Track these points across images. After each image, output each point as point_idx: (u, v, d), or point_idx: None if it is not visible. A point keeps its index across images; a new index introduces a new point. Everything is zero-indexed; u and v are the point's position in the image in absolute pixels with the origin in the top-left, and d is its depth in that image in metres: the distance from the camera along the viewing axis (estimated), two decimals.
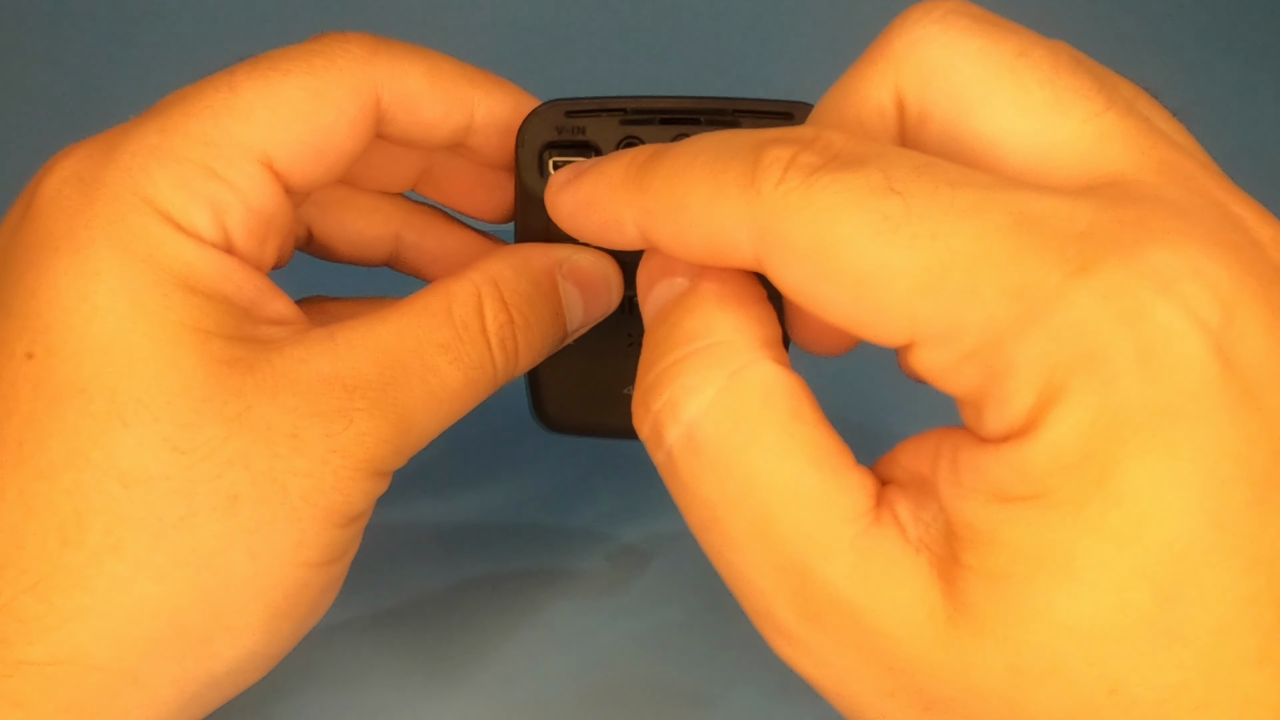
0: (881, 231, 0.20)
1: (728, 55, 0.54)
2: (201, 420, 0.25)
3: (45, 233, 0.26)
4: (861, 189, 0.20)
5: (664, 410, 0.23)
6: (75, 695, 0.25)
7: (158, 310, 0.25)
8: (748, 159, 0.22)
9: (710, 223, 0.22)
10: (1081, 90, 0.22)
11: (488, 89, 0.31)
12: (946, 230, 0.20)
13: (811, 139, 0.22)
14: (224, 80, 0.28)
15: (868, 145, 0.22)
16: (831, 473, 0.22)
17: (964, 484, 0.20)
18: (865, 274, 0.20)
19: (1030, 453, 0.19)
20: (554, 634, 0.37)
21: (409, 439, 0.28)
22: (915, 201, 0.20)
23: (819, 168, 0.21)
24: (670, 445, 0.23)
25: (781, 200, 0.21)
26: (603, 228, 0.25)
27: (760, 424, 0.22)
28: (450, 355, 0.28)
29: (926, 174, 0.20)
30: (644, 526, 0.41)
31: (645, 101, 0.30)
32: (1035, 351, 0.19)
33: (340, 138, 0.29)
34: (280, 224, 0.29)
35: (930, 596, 0.20)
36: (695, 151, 0.23)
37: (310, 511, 0.26)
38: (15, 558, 0.24)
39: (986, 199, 0.20)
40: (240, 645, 0.26)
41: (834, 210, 0.20)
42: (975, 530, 0.20)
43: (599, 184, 0.25)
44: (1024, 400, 0.19)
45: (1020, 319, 0.19)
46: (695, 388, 0.23)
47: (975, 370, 0.20)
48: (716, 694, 0.35)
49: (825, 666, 0.22)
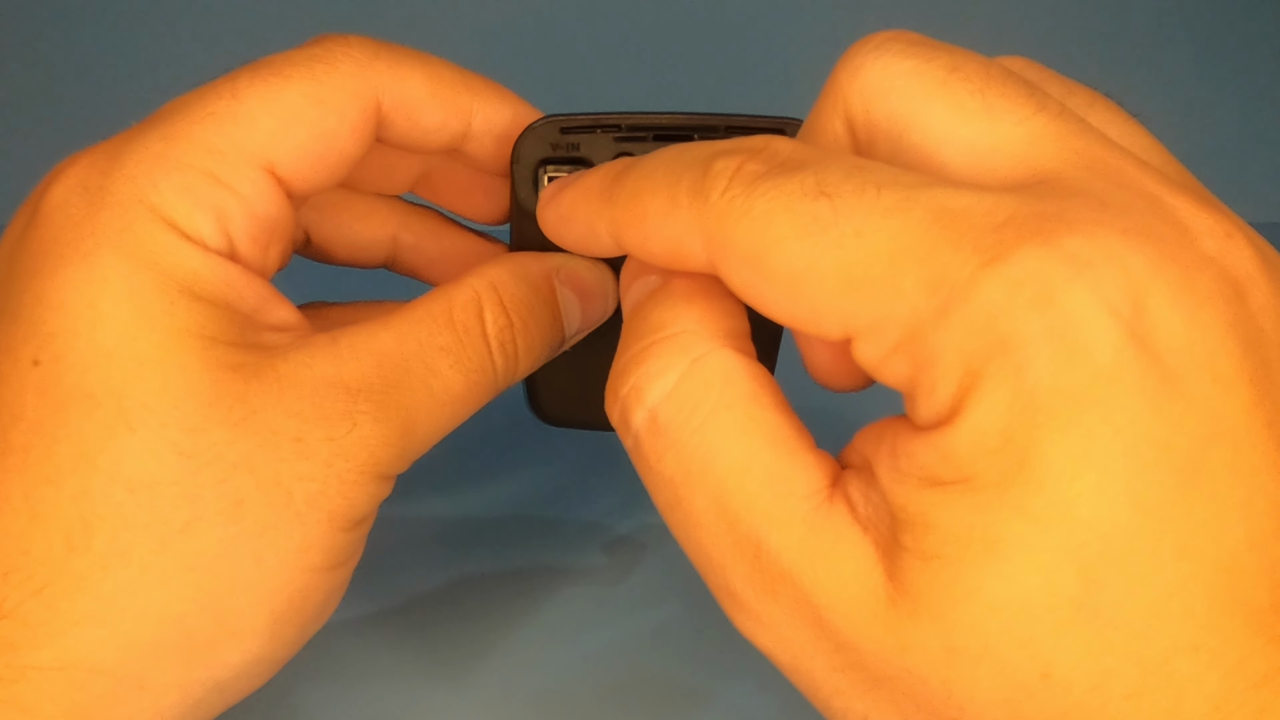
0: (811, 233, 0.21)
1: (725, 70, 0.55)
2: (207, 425, 0.25)
3: (51, 240, 0.26)
4: (794, 193, 0.21)
5: (630, 395, 0.24)
6: (81, 700, 0.25)
7: (163, 317, 0.26)
8: (699, 170, 0.23)
9: (667, 232, 0.24)
10: (1011, 97, 0.23)
11: (486, 96, 0.31)
12: (870, 228, 0.20)
13: (759, 149, 0.23)
14: (226, 86, 0.28)
15: (810, 152, 0.23)
16: (787, 452, 0.23)
17: (900, 469, 0.21)
18: (797, 273, 0.21)
19: (953, 438, 0.20)
20: (554, 630, 0.37)
21: (412, 442, 0.28)
22: (842, 202, 0.21)
23: (761, 176, 0.22)
24: (636, 429, 0.24)
25: (726, 208, 0.22)
26: (582, 238, 0.27)
27: (719, 406, 0.23)
28: (452, 358, 0.28)
29: (856, 176, 0.21)
30: (643, 521, 0.41)
31: (639, 118, 0.30)
32: (953, 340, 0.20)
33: (342, 142, 0.29)
34: (283, 229, 0.29)
35: (873, 576, 0.21)
36: (656, 165, 0.24)
37: (315, 515, 0.26)
38: (21, 563, 0.24)
39: (910, 197, 0.21)
40: (245, 650, 0.26)
41: (769, 215, 0.21)
42: (909, 513, 0.21)
43: (577, 198, 0.27)
44: (946, 388, 0.20)
45: (937, 309, 0.20)
46: (658, 373, 0.24)
47: (904, 361, 0.21)
48: (716, 688, 0.35)
49: (780, 641, 0.23)
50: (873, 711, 0.22)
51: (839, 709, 0.23)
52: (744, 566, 0.23)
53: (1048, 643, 0.20)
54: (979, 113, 0.23)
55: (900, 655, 0.21)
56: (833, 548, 0.22)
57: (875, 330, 0.21)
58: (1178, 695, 0.19)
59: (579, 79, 0.52)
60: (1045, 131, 0.23)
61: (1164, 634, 0.19)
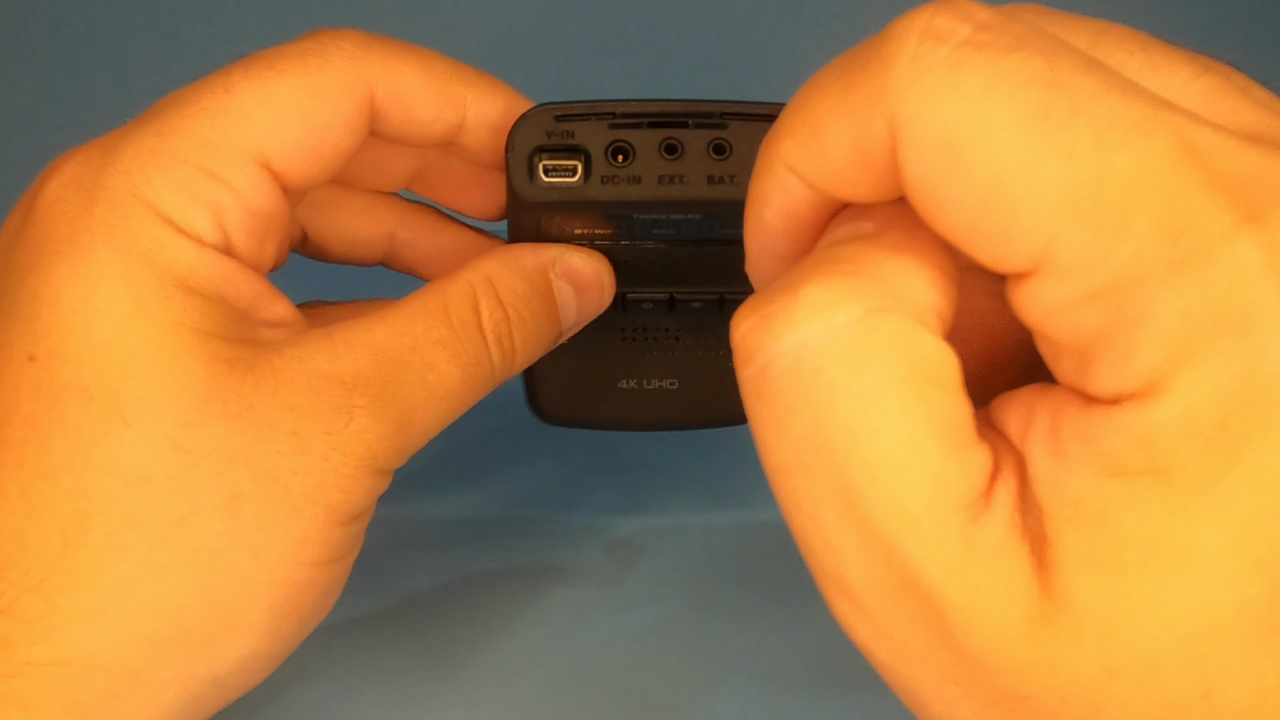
0: (1039, 130, 0.17)
1: (720, 57, 0.55)
2: (203, 419, 0.25)
3: (46, 237, 0.26)
4: (1020, 74, 0.18)
5: (777, 315, 0.19)
6: (78, 696, 0.25)
7: (158, 312, 0.26)
8: (872, 44, 0.19)
9: (844, 129, 0.19)
10: (1173, 56, 0.20)
11: (480, 88, 0.31)
12: (1112, 144, 0.17)
13: (951, 4, 0.19)
14: (220, 81, 0.28)
15: (1025, 26, 0.19)
16: (956, 448, 0.19)
17: (1068, 453, 0.18)
18: (1007, 175, 0.17)
19: (1157, 418, 0.17)
20: (552, 629, 0.37)
21: (409, 436, 0.28)
22: (1083, 101, 0.17)
23: (965, 42, 0.18)
24: (768, 359, 0.19)
25: (921, 75, 0.18)
26: (779, 208, 0.22)
27: (889, 376, 0.19)
28: (448, 352, 0.28)
29: (1095, 73, 0.18)
30: (642, 521, 0.41)
31: (634, 105, 0.30)
32: (1180, 302, 0.17)
33: (336, 136, 0.29)
34: (278, 224, 0.29)
35: (1028, 593, 0.18)
36: (820, 71, 0.20)
37: (312, 509, 0.26)
38: (18, 558, 0.24)
39: (1156, 116, 0.17)
40: (243, 645, 0.26)
41: (983, 95, 0.18)
42: (1081, 508, 0.18)
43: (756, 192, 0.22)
44: (1152, 355, 0.17)
45: (1172, 261, 0.17)
46: (824, 304, 0.19)
47: (1099, 312, 0.17)
48: (714, 689, 0.35)
49: (888, 642, 0.20)
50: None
51: (938, 714, 0.20)
52: (868, 564, 0.19)
53: (1216, 661, 0.17)
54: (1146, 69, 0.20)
55: (1046, 676, 0.18)
56: (987, 568, 0.18)
57: (1078, 268, 0.17)
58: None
59: (572, 69, 0.52)
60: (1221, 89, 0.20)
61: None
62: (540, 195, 0.30)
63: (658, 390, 0.36)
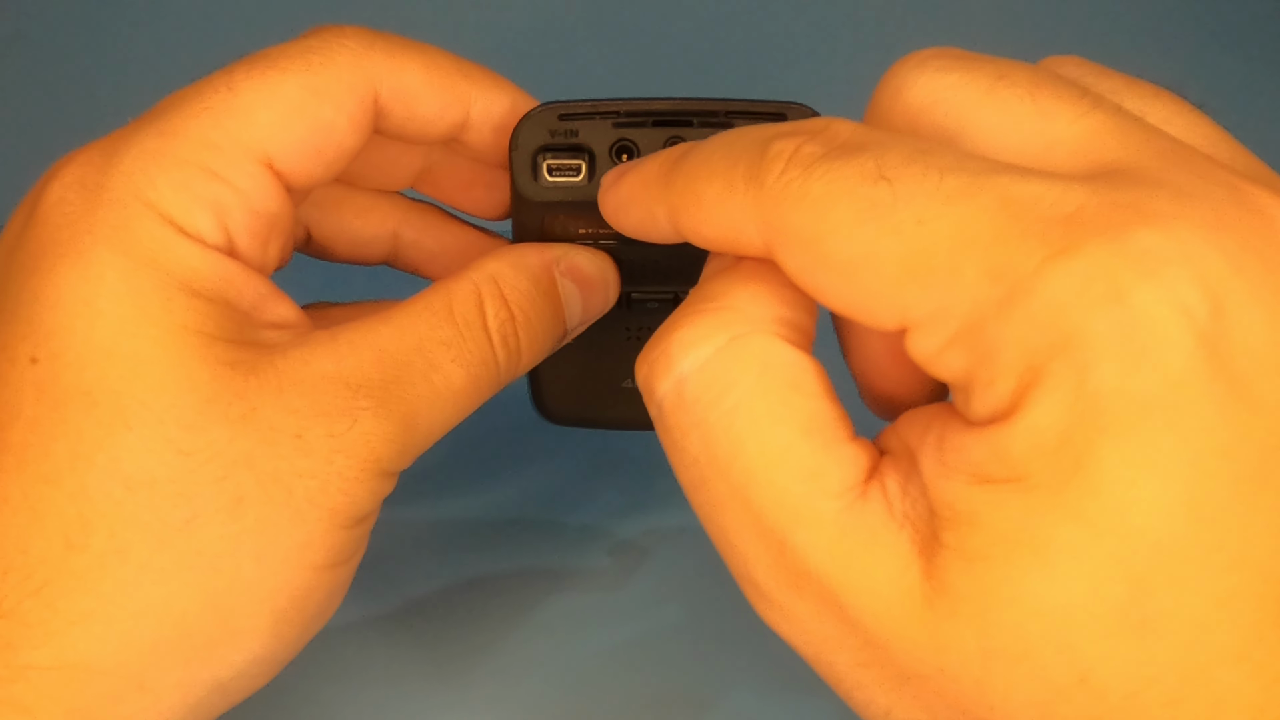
0: (870, 218, 0.20)
1: (724, 55, 0.54)
2: (205, 422, 0.25)
3: (49, 239, 0.26)
4: (853, 177, 0.21)
5: (659, 358, 0.23)
6: (80, 700, 0.25)
7: (161, 314, 0.25)
8: (755, 153, 0.22)
9: (723, 216, 0.23)
10: (1063, 98, 0.22)
11: (484, 85, 0.31)
12: (932, 215, 0.20)
13: (818, 130, 0.22)
14: (222, 80, 0.28)
15: (871, 134, 0.22)
16: (823, 445, 0.22)
17: (947, 463, 0.20)
18: (854, 260, 0.20)
19: (1010, 436, 0.19)
20: (555, 632, 0.37)
21: (414, 438, 0.28)
22: (903, 187, 0.20)
23: (819, 158, 0.21)
24: (661, 397, 0.23)
25: (782, 192, 0.21)
26: (640, 223, 0.26)
27: (753, 391, 0.22)
28: (453, 353, 0.28)
29: (919, 161, 0.21)
30: (645, 523, 0.41)
31: (638, 104, 0.30)
32: (1015, 334, 0.19)
33: (339, 135, 0.29)
34: (282, 224, 0.28)
35: (909, 575, 0.20)
36: (713, 149, 0.24)
37: (315, 513, 0.26)
38: (20, 562, 0.24)
39: (975, 183, 0.20)
40: (246, 650, 0.26)
41: (826, 199, 0.21)
42: (955, 510, 0.20)
43: (635, 184, 0.26)
44: (1006, 384, 0.19)
45: (1000, 301, 0.19)
46: (692, 343, 0.23)
47: (961, 354, 0.20)
48: (717, 692, 0.35)
49: (804, 633, 0.23)
50: (896, 707, 0.22)
51: (861, 701, 0.23)
52: (768, 559, 0.22)
53: (1089, 648, 0.19)
54: (1030, 115, 0.22)
55: (934, 654, 0.20)
56: (865, 549, 0.21)
57: (933, 321, 0.20)
58: (1217, 703, 0.19)
59: (576, 67, 0.52)
60: (1104, 126, 0.22)
61: (1209, 643, 0.19)
62: (544, 195, 0.30)
63: None
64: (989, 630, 0.20)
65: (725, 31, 0.55)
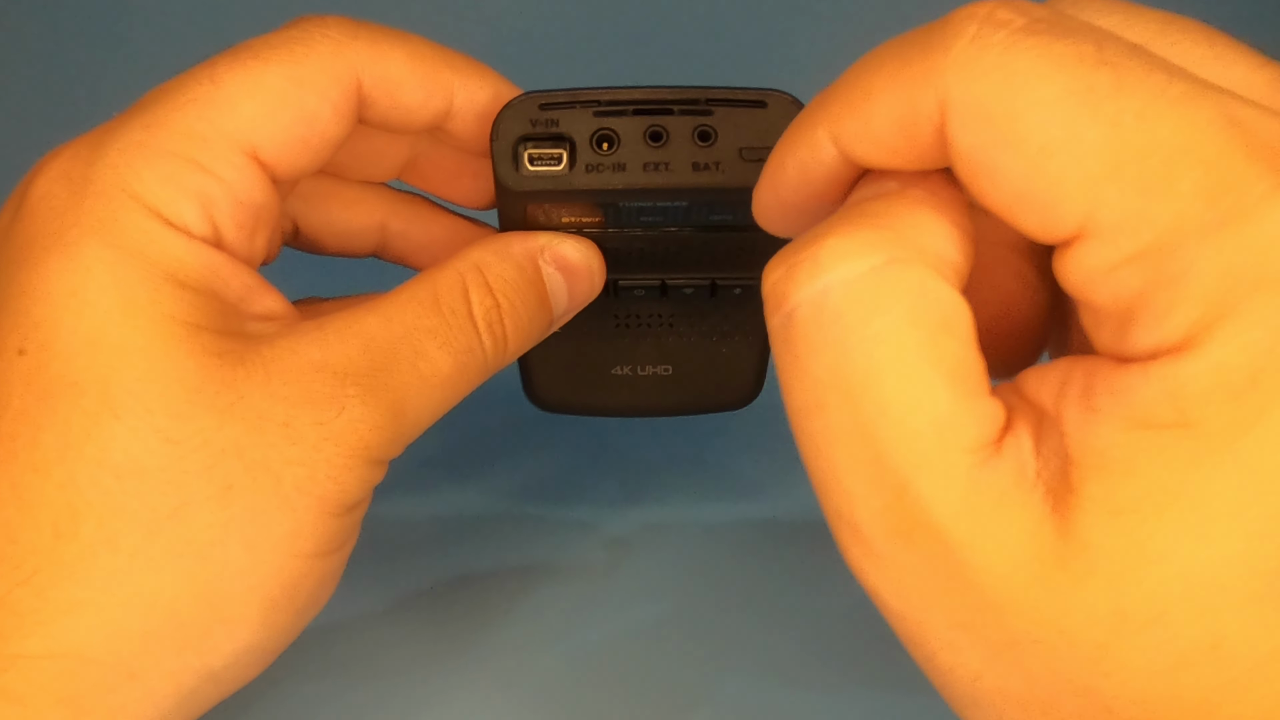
0: (1086, 101, 0.18)
1: (705, 44, 0.54)
2: (194, 411, 0.25)
3: (36, 232, 0.26)
4: (1070, 55, 0.19)
5: (803, 264, 0.21)
6: (71, 689, 0.25)
7: (147, 305, 0.25)
8: (933, 28, 0.20)
9: (895, 99, 0.20)
10: (1237, 47, 0.21)
11: (467, 74, 0.31)
12: (1154, 113, 0.18)
13: (1015, 4, 0.20)
14: (206, 72, 0.28)
15: (1075, 18, 0.20)
16: (965, 394, 0.20)
17: (1099, 408, 0.19)
18: (1053, 143, 0.18)
19: (1187, 371, 0.18)
20: (550, 626, 0.37)
21: (402, 425, 0.28)
22: (1128, 77, 0.18)
23: (1022, 28, 0.19)
24: (794, 306, 0.21)
25: (977, 56, 0.19)
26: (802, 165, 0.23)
27: (906, 321, 0.20)
28: (439, 340, 0.28)
29: (1141, 56, 0.19)
30: (640, 517, 0.41)
31: (618, 93, 0.30)
32: (1219, 260, 0.17)
33: (324, 124, 0.29)
34: (268, 215, 0.29)
35: (1040, 536, 0.19)
36: (874, 50, 0.21)
37: (304, 500, 0.26)
38: (9, 552, 0.24)
39: (1202, 94, 0.18)
40: (237, 638, 0.26)
41: (1033, 73, 0.19)
42: (1106, 459, 0.18)
43: (790, 130, 0.23)
44: (1189, 312, 0.18)
45: (1211, 222, 0.17)
46: (847, 254, 0.20)
47: (1140, 273, 0.18)
48: (712, 685, 0.35)
49: (898, 585, 0.21)
50: (989, 672, 0.20)
51: (946, 664, 0.21)
52: (879, 503, 0.20)
53: (1228, 614, 0.18)
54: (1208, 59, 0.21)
55: (1056, 618, 0.19)
56: (996, 508, 0.19)
57: (1121, 229, 0.18)
58: None
59: (557, 57, 0.52)
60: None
61: None
62: (526, 184, 0.30)
63: (652, 376, 0.36)
64: (1126, 590, 0.18)
65: (706, 20, 0.55)
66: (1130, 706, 0.19)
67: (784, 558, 0.39)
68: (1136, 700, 0.19)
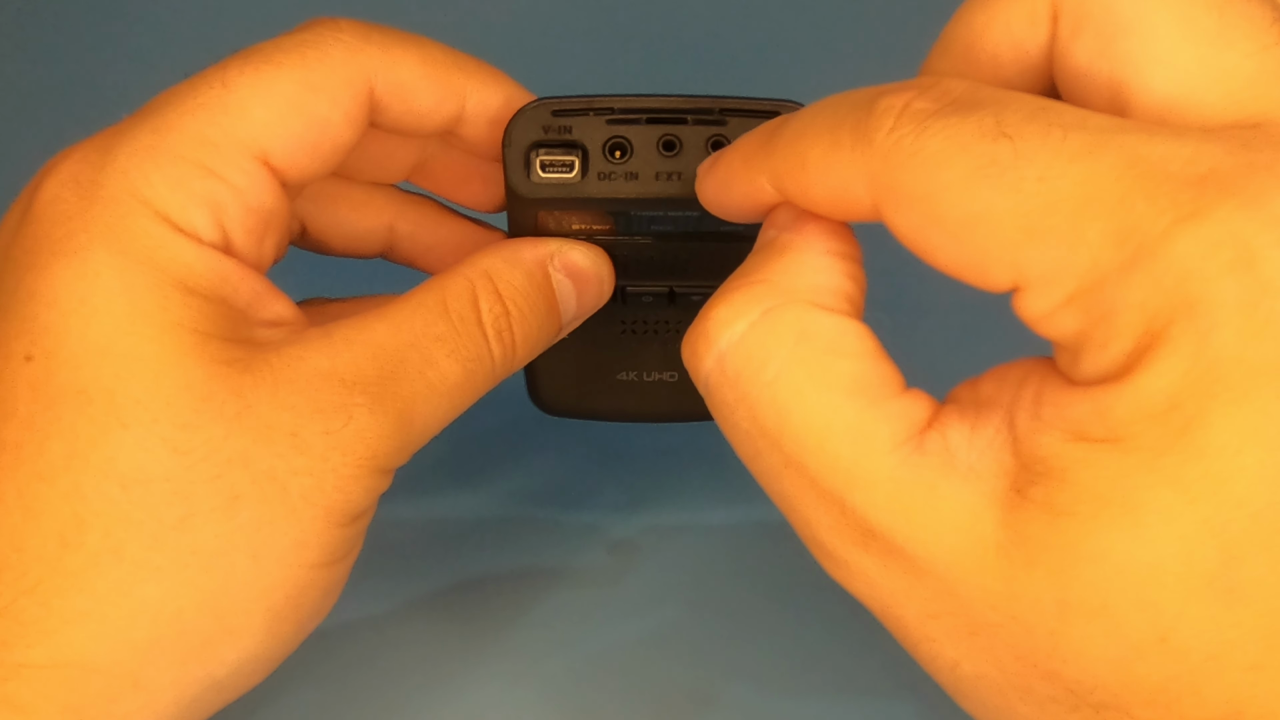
0: (988, 175, 0.20)
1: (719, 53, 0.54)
2: (201, 421, 0.25)
3: (44, 236, 0.26)
4: (971, 134, 0.20)
5: (699, 340, 0.24)
6: (75, 698, 0.25)
7: (156, 312, 0.25)
8: (862, 111, 0.22)
9: (829, 177, 0.23)
10: (1253, 20, 0.22)
11: (480, 78, 0.31)
12: (1055, 173, 0.19)
13: (928, 86, 0.22)
14: (216, 76, 0.27)
15: (985, 90, 0.21)
16: (869, 404, 0.22)
17: (1043, 418, 0.20)
18: (970, 218, 0.20)
19: (1116, 397, 0.19)
20: (555, 630, 0.37)
21: (410, 434, 0.27)
22: (1024, 144, 0.20)
23: (932, 114, 0.21)
24: (705, 375, 0.24)
25: (894, 147, 0.21)
26: (745, 197, 0.26)
27: (792, 359, 0.22)
28: (448, 348, 0.28)
29: (1040, 118, 0.20)
30: (645, 520, 0.40)
31: (631, 101, 0.30)
32: (1136, 296, 0.19)
33: (335, 130, 0.28)
34: (278, 221, 0.28)
35: (979, 524, 0.20)
36: (814, 111, 0.23)
37: (310, 511, 0.26)
38: (14, 560, 0.24)
39: (1100, 141, 0.19)
40: (241, 648, 0.26)
41: (942, 155, 0.20)
42: (1046, 465, 0.20)
43: (734, 159, 0.26)
44: (1121, 346, 0.19)
45: (1123, 263, 0.19)
46: (728, 320, 0.23)
47: (1076, 315, 0.19)
48: (717, 690, 0.35)
49: (872, 588, 0.22)
50: (965, 659, 0.22)
51: (929, 654, 0.22)
52: (829, 521, 0.22)
53: (1171, 609, 0.19)
54: (1209, 32, 0.21)
55: (1006, 603, 0.20)
56: (925, 500, 0.21)
57: (1049, 281, 0.20)
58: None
59: (571, 62, 0.52)
60: (1276, 68, 0.21)
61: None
62: (537, 191, 0.30)
63: (657, 382, 0.36)
64: (1067, 583, 0.19)
65: (722, 29, 0.55)
66: (1095, 691, 0.20)
67: (789, 561, 0.39)
68: (1098, 685, 0.20)
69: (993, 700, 0.22)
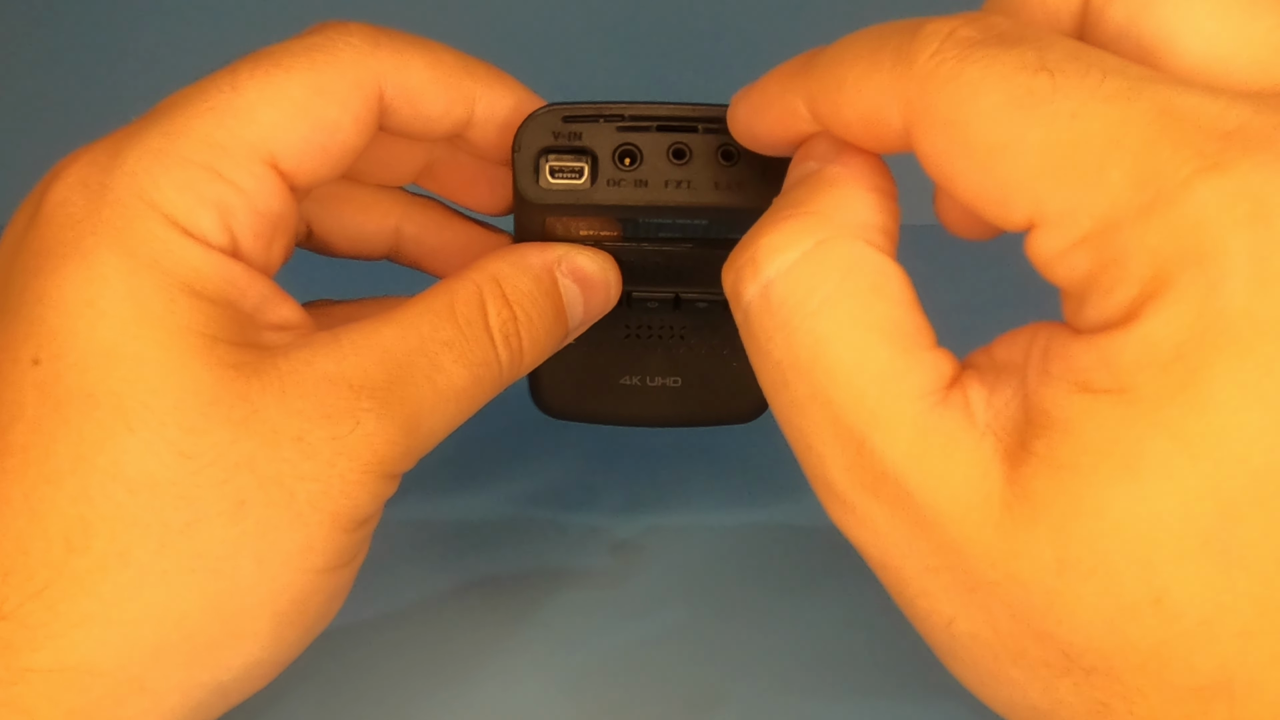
0: (1024, 105, 0.20)
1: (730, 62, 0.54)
2: (208, 425, 0.25)
3: (52, 239, 0.26)
4: (1012, 64, 0.20)
5: (746, 265, 0.24)
6: (81, 702, 0.25)
7: (163, 315, 0.25)
8: (906, 35, 0.22)
9: (864, 97, 0.23)
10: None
11: (489, 83, 0.31)
12: (1088, 112, 0.20)
13: (976, 18, 0.22)
14: (226, 79, 0.27)
15: (1031, 29, 0.22)
16: (903, 350, 0.22)
17: (1050, 372, 0.20)
18: (997, 145, 0.20)
19: (1121, 344, 0.19)
20: (557, 631, 0.37)
21: (417, 439, 0.27)
22: (1063, 80, 0.20)
23: (977, 42, 0.21)
24: (748, 301, 0.24)
25: (934, 71, 0.21)
26: (776, 122, 0.26)
27: (837, 294, 0.22)
28: (455, 353, 0.28)
29: (1082, 58, 0.20)
30: (648, 522, 0.40)
31: (643, 108, 0.29)
32: (1149, 241, 0.19)
33: (344, 134, 0.28)
34: (286, 224, 0.28)
35: (988, 480, 0.20)
36: (859, 35, 0.24)
37: (317, 516, 0.26)
38: (21, 564, 0.24)
39: (1136, 88, 0.20)
40: (247, 652, 0.26)
41: (981, 82, 0.21)
42: (1050, 418, 0.20)
43: (771, 81, 0.26)
44: (1127, 291, 0.19)
45: (1141, 207, 0.19)
46: (779, 247, 0.23)
47: (1086, 257, 0.20)
48: (724, 690, 0.35)
49: (875, 536, 0.23)
50: (960, 616, 0.22)
51: (924, 610, 0.23)
52: (845, 460, 0.22)
53: (1166, 569, 0.19)
54: (1241, 3, 0.22)
55: (1007, 560, 0.20)
56: (943, 451, 0.21)
57: (1064, 219, 0.20)
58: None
59: (581, 68, 0.52)
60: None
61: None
62: (546, 197, 0.30)
63: (661, 388, 0.36)
64: (1066, 540, 0.19)
65: (732, 37, 0.55)
66: (1087, 653, 0.20)
67: (794, 563, 0.39)
68: (1091, 648, 0.20)
69: (985, 662, 0.22)
